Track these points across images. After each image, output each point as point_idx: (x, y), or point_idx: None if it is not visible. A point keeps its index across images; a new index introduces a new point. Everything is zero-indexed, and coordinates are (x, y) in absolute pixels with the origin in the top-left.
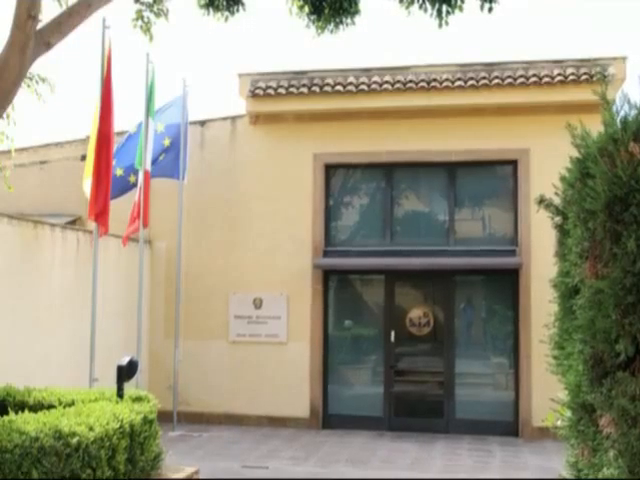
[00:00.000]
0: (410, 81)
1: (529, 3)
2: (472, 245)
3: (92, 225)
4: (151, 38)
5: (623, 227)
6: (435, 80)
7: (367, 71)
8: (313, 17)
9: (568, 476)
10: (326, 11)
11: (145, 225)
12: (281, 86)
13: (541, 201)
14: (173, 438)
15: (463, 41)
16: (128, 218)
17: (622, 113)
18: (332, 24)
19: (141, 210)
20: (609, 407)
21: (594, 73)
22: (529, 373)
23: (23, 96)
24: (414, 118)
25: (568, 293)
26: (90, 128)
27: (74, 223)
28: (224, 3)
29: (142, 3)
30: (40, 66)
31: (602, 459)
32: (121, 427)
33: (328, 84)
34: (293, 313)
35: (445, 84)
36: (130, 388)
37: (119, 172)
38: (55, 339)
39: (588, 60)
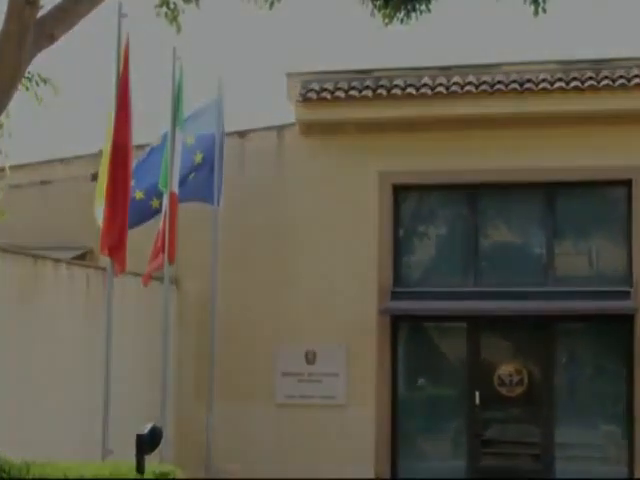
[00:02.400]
0: (499, 82)
1: None
2: (575, 285)
3: (105, 261)
4: (178, 29)
5: None
6: (530, 81)
7: (446, 70)
8: (379, 3)
9: None
10: None
11: (171, 261)
12: (339, 88)
13: None
14: None
15: (563, 33)
16: (150, 252)
17: None
18: (402, 11)
19: (166, 242)
20: None
21: None
22: None
23: (21, 101)
24: (504, 128)
25: None
26: (103, 141)
27: (83, 258)
28: None
29: None
30: (41, 64)
31: None
32: None
33: (397, 86)
34: (354, 369)
35: (542, 86)
36: (153, 461)
37: (139, 195)
38: (60, 402)
39: None
